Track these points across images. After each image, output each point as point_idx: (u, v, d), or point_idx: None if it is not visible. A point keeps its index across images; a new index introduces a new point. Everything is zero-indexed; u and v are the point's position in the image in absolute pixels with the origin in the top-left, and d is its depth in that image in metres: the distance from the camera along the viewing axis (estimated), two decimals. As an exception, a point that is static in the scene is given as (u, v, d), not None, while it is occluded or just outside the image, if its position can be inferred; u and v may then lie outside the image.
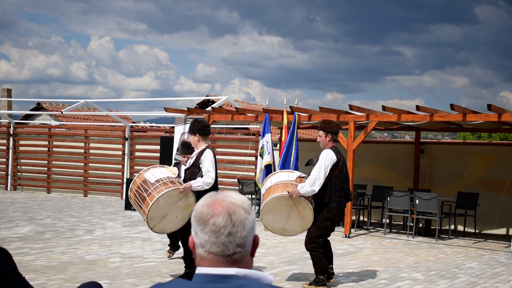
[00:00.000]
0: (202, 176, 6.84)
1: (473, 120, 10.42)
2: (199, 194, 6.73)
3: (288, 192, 6.63)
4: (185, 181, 6.94)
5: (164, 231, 7.11)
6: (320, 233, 6.81)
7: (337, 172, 6.77)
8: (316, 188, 6.63)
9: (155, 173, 6.88)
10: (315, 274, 6.93)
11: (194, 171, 6.93)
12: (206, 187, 6.75)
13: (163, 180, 6.76)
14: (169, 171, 7.04)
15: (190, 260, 7.05)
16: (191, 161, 7.08)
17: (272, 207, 6.73)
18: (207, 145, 7.09)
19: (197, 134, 7.01)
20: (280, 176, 7.00)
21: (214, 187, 6.90)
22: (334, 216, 6.83)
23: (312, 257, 6.89)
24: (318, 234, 6.79)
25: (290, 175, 7.00)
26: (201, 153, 6.94)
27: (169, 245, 8.53)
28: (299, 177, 6.93)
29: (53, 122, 23.26)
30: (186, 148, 7.86)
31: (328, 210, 6.77)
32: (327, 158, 6.73)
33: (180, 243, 8.00)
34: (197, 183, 6.75)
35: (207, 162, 6.83)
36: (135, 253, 8.74)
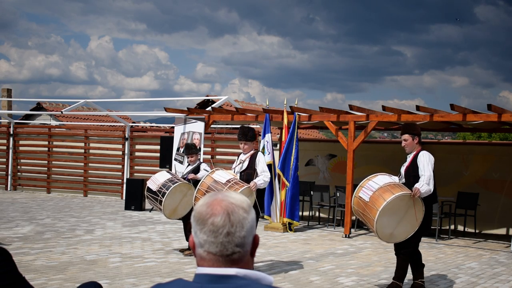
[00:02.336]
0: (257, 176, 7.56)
1: (473, 120, 10.42)
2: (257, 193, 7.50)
3: (412, 191, 6.24)
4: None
5: None
6: (420, 236, 6.53)
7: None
8: (432, 187, 6.32)
9: (223, 175, 7.31)
10: (393, 279, 6.61)
11: (250, 173, 7.59)
12: (265, 185, 7.60)
13: (234, 180, 7.23)
14: (230, 174, 7.45)
15: None
16: (244, 164, 7.66)
17: (392, 206, 6.21)
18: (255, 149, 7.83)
19: (253, 142, 7.76)
20: (383, 179, 6.56)
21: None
22: (430, 218, 6.58)
23: (401, 263, 6.57)
24: (418, 236, 6.50)
25: (393, 177, 6.67)
26: (253, 156, 7.67)
27: (188, 248, 8.68)
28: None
29: (53, 122, 23.26)
30: (192, 149, 8.75)
31: (429, 211, 6.49)
32: (430, 158, 6.54)
33: None
34: (260, 181, 7.48)
35: (262, 164, 7.62)
36: (135, 253, 8.74)
